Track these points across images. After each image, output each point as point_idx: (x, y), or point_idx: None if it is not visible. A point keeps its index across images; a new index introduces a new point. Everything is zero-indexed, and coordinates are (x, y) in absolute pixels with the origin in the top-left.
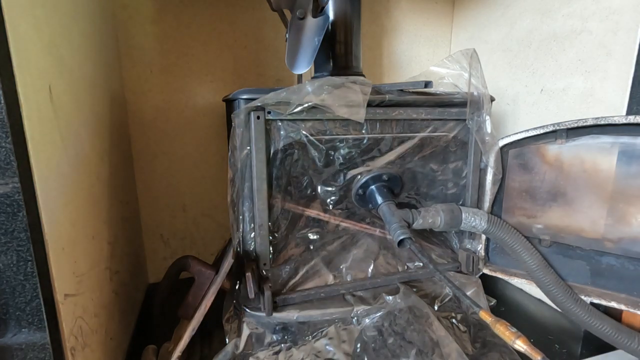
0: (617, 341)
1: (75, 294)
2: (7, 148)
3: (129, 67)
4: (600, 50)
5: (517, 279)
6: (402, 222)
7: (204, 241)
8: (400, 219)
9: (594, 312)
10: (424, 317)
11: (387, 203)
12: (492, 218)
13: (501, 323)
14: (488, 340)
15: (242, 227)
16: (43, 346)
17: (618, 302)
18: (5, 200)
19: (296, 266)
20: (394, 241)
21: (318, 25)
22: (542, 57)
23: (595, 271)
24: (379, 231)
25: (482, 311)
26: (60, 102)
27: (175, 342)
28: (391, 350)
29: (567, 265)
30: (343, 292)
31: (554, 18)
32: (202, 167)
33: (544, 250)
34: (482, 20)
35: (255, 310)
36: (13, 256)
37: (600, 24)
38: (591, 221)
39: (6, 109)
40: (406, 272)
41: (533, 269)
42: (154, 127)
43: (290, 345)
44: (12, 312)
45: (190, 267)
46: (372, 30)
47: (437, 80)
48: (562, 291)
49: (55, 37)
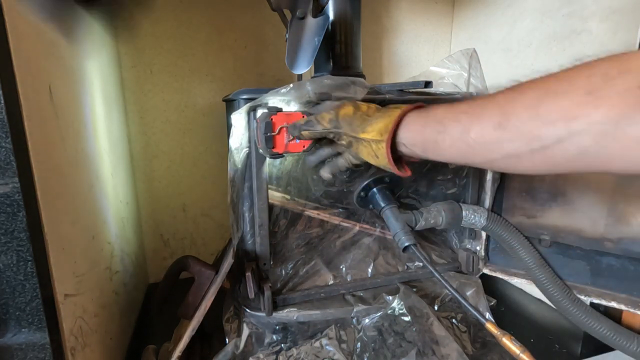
0: (616, 342)
1: (75, 294)
2: (7, 148)
3: (129, 67)
4: (600, 50)
5: (517, 279)
6: (406, 228)
7: (204, 241)
8: (404, 224)
9: (592, 312)
10: (424, 317)
11: (391, 207)
12: (492, 215)
13: (507, 337)
14: (488, 340)
15: (242, 227)
16: (43, 346)
17: (618, 302)
18: (5, 200)
19: (296, 266)
20: (399, 247)
21: (318, 25)
22: (542, 57)
23: (595, 271)
24: (379, 231)
25: (488, 323)
26: (60, 102)
27: (175, 342)
28: (391, 350)
29: (567, 265)
30: (343, 292)
31: (554, 18)
32: (202, 167)
33: (544, 250)
34: (482, 20)
35: (255, 310)
36: (13, 256)
37: (600, 24)
38: (591, 221)
39: (6, 109)
40: (406, 272)
41: (530, 267)
42: (154, 127)
43: (290, 345)
44: (12, 312)
45: (190, 267)
46: (372, 30)
47: (437, 80)
48: (559, 290)
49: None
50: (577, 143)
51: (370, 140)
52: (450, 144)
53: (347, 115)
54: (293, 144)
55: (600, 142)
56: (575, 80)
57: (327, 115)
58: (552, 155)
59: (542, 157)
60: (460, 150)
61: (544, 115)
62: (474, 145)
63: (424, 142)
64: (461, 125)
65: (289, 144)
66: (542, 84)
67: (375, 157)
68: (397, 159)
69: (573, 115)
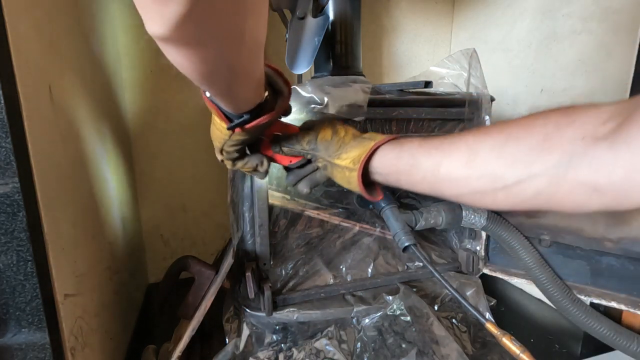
0: (615, 342)
1: (75, 294)
2: (7, 148)
3: (129, 67)
4: (600, 50)
5: (517, 279)
6: (406, 228)
7: (204, 241)
8: (404, 224)
9: (592, 312)
10: (424, 317)
11: (391, 207)
12: (492, 215)
13: (507, 337)
14: (488, 340)
15: (242, 227)
16: (43, 346)
17: (618, 302)
18: (5, 200)
19: (296, 266)
20: (399, 247)
21: (318, 25)
22: (542, 57)
23: (595, 271)
24: (378, 231)
25: (488, 323)
26: (60, 102)
27: (175, 342)
28: (391, 350)
29: (567, 265)
30: (343, 292)
31: (554, 18)
32: (202, 167)
33: (544, 250)
34: (482, 20)
35: (255, 310)
36: (13, 256)
37: (600, 24)
38: (591, 221)
39: (6, 109)
40: (406, 272)
41: (530, 267)
42: (154, 127)
43: (290, 345)
44: (12, 312)
45: (190, 267)
46: (372, 30)
47: (437, 80)
48: (559, 290)
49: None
50: (535, 184)
51: (344, 167)
52: (422, 176)
53: (325, 139)
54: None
55: (554, 183)
56: (532, 128)
57: (307, 137)
58: (513, 193)
59: (504, 195)
60: (431, 184)
61: (507, 157)
62: (443, 179)
63: (398, 173)
64: (432, 160)
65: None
66: (506, 129)
67: (348, 183)
68: (370, 183)
69: (531, 159)
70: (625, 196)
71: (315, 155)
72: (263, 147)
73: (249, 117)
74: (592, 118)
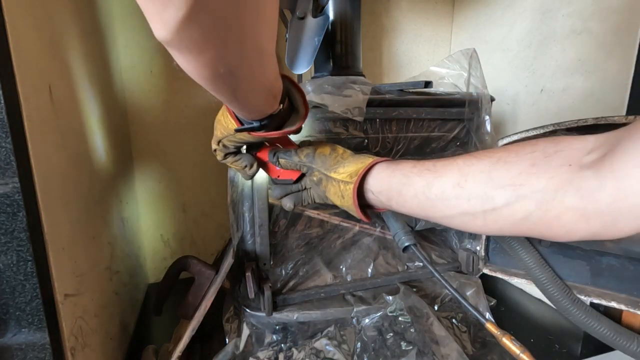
0: (616, 342)
1: (75, 294)
2: (7, 148)
3: (129, 67)
4: (600, 50)
5: (517, 279)
6: (406, 228)
7: (204, 241)
8: (404, 224)
9: (592, 312)
10: (424, 317)
11: None
12: None
13: (507, 337)
14: (488, 340)
15: (242, 227)
16: (43, 346)
17: (618, 302)
18: (5, 200)
19: (296, 266)
20: (399, 247)
21: (318, 25)
22: (542, 57)
23: (595, 271)
24: (378, 231)
25: (488, 323)
26: (60, 102)
27: (175, 342)
28: (391, 350)
29: (567, 265)
30: (343, 292)
31: (554, 18)
32: (202, 167)
33: (544, 250)
34: (482, 20)
35: (255, 310)
36: (13, 256)
37: (600, 24)
38: None
39: (6, 109)
40: (406, 272)
41: (530, 267)
42: (154, 127)
43: (290, 345)
44: (12, 312)
45: (190, 267)
46: (372, 30)
47: (437, 80)
48: (559, 290)
49: (55, 37)
50: (524, 207)
51: (340, 181)
52: (413, 195)
53: (322, 153)
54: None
55: (542, 208)
56: (521, 154)
57: (305, 150)
58: (502, 216)
59: (493, 217)
60: (421, 203)
61: (496, 179)
62: (434, 199)
63: (389, 190)
64: (424, 180)
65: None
66: (495, 154)
67: (341, 198)
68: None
69: (519, 182)
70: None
71: (312, 168)
72: (260, 151)
73: (258, 126)
74: (578, 147)
